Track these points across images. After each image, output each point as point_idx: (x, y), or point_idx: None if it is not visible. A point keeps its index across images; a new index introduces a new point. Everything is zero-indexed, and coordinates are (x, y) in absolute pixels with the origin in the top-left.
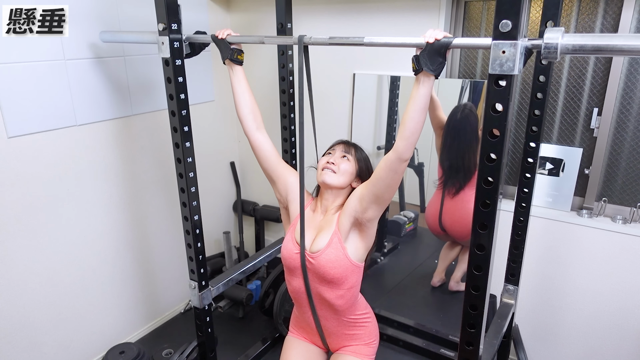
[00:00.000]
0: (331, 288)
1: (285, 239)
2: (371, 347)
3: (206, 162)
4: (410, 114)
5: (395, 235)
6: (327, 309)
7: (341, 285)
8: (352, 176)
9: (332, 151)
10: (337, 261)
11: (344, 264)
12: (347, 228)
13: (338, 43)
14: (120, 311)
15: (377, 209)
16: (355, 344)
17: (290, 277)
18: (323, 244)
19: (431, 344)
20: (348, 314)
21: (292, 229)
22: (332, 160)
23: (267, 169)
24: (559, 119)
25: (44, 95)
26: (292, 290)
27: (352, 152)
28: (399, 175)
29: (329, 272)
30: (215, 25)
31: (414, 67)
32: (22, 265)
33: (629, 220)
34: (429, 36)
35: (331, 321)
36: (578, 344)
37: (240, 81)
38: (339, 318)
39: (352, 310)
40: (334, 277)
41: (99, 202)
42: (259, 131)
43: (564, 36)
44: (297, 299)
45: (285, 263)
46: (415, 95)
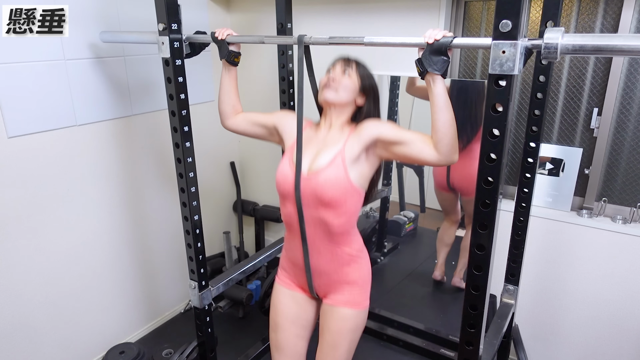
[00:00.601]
0: (328, 210)
1: (280, 163)
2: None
3: (206, 162)
4: (436, 117)
5: (395, 235)
6: (322, 235)
7: (338, 208)
8: (354, 92)
9: (333, 69)
10: (337, 181)
11: (344, 184)
12: (356, 152)
13: (338, 43)
14: (120, 311)
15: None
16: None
17: (284, 202)
18: (324, 162)
19: (431, 344)
20: (343, 244)
21: (289, 152)
22: (333, 77)
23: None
24: (559, 119)
25: (44, 95)
26: (286, 215)
27: (353, 67)
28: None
29: (327, 192)
30: (215, 26)
31: (419, 71)
32: (22, 265)
33: (629, 220)
34: (429, 37)
35: (324, 252)
36: (578, 344)
37: (232, 81)
38: (333, 248)
39: (348, 241)
40: (332, 198)
41: (99, 202)
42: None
43: (564, 36)
44: (290, 226)
45: (280, 188)
46: (432, 98)
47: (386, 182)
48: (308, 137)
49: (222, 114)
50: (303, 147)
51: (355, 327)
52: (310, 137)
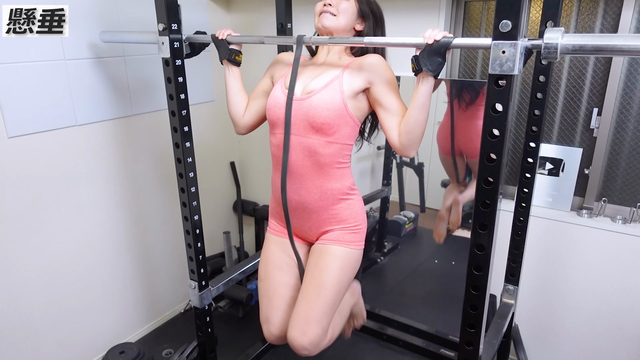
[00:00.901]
0: (320, 136)
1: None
2: (357, 232)
3: (206, 162)
4: (410, 111)
5: (395, 235)
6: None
7: (330, 134)
8: (353, 16)
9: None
10: (332, 103)
11: (339, 108)
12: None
13: (338, 43)
14: (120, 311)
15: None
16: (338, 227)
17: (274, 130)
18: (320, 84)
19: (431, 344)
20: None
21: (282, 79)
22: (329, 1)
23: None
24: (559, 119)
25: (44, 95)
26: (275, 144)
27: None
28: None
29: (320, 114)
30: (215, 25)
31: (414, 68)
32: (22, 265)
33: (629, 220)
34: (428, 37)
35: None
36: (578, 344)
37: (237, 81)
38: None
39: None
40: (325, 121)
41: (99, 202)
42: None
43: (564, 36)
44: (278, 158)
45: (270, 114)
46: (415, 94)
47: (386, 182)
48: (303, 66)
49: (234, 118)
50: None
51: (345, 266)
52: (305, 66)
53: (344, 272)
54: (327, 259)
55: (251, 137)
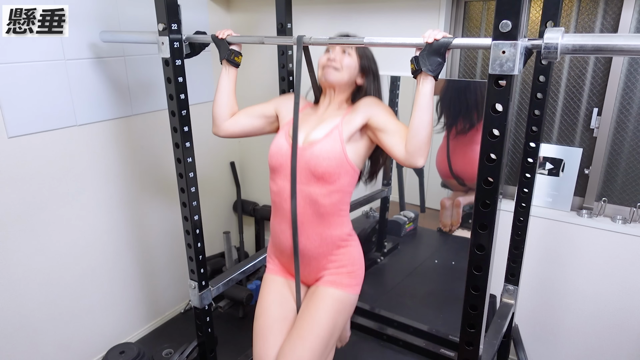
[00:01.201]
0: (320, 185)
1: (275, 137)
2: (354, 276)
3: (206, 162)
4: (414, 114)
5: (395, 235)
6: (311, 216)
7: (331, 183)
8: (355, 71)
9: (332, 47)
10: (333, 152)
11: (339, 157)
12: (353, 129)
13: (338, 43)
14: (120, 311)
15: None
16: (335, 272)
17: (275, 176)
18: (321, 134)
19: (431, 344)
20: (332, 227)
21: (285, 127)
22: (332, 57)
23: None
24: (559, 119)
25: (44, 95)
26: (275, 192)
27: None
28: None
29: (321, 164)
30: (215, 25)
31: (413, 68)
32: (22, 265)
33: (629, 220)
34: (428, 36)
35: (312, 235)
36: (578, 344)
37: (231, 83)
38: (322, 231)
39: (339, 223)
40: (326, 170)
41: (99, 202)
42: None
43: (564, 36)
44: (278, 205)
45: (272, 161)
46: (417, 96)
47: (386, 182)
48: (306, 114)
49: (217, 118)
50: (300, 123)
51: (339, 310)
52: (309, 114)
53: (339, 314)
54: (324, 300)
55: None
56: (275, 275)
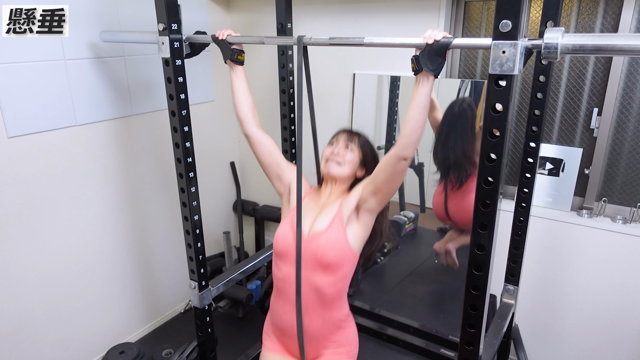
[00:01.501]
0: (325, 274)
1: (280, 225)
2: (351, 355)
3: (206, 162)
4: (411, 113)
5: (395, 235)
6: (315, 299)
7: (336, 271)
8: (356, 166)
9: (336, 141)
10: (338, 243)
11: (343, 247)
12: (348, 214)
13: (338, 43)
14: (120, 311)
15: (376, 201)
16: (335, 351)
17: (280, 262)
18: (325, 224)
19: (431, 344)
20: (335, 310)
21: (290, 214)
22: (336, 151)
23: (271, 164)
24: (559, 119)
25: (44, 95)
26: (280, 279)
27: (356, 141)
28: (398, 172)
29: (327, 254)
30: (215, 25)
31: (414, 67)
32: (22, 265)
33: (629, 220)
34: (428, 37)
35: (315, 319)
36: (578, 344)
37: (241, 81)
38: (325, 314)
39: (339, 306)
40: (332, 260)
41: (99, 202)
42: (259, 129)
43: (564, 36)
44: (283, 290)
45: (278, 247)
46: (415, 96)
47: None
48: (310, 200)
49: (242, 119)
50: (304, 211)
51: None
52: (312, 201)
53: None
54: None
55: None
56: (274, 354)
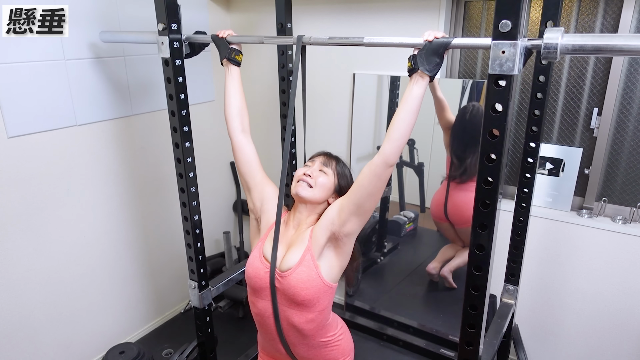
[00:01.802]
0: (300, 311)
1: (251, 255)
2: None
3: (206, 162)
4: (401, 115)
5: (395, 235)
6: (295, 335)
7: (312, 308)
8: (329, 192)
9: (312, 162)
10: (309, 281)
11: (316, 284)
12: (321, 243)
13: (338, 43)
14: (120, 311)
15: (357, 221)
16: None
17: (254, 298)
18: (294, 261)
19: (431, 344)
20: (318, 337)
21: (260, 244)
22: (309, 173)
23: (245, 174)
24: (559, 119)
25: (44, 95)
26: (256, 314)
27: (333, 165)
28: (382, 182)
29: (300, 294)
30: (215, 25)
31: (410, 66)
32: (22, 265)
33: (629, 220)
34: (428, 34)
35: (300, 347)
36: (578, 344)
37: (235, 82)
38: (309, 343)
39: (323, 333)
40: (305, 298)
41: (99, 202)
42: (244, 134)
43: (564, 36)
44: (262, 324)
45: (251, 283)
46: (407, 97)
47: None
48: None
49: (227, 121)
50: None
51: None
52: (281, 234)
53: None
54: None
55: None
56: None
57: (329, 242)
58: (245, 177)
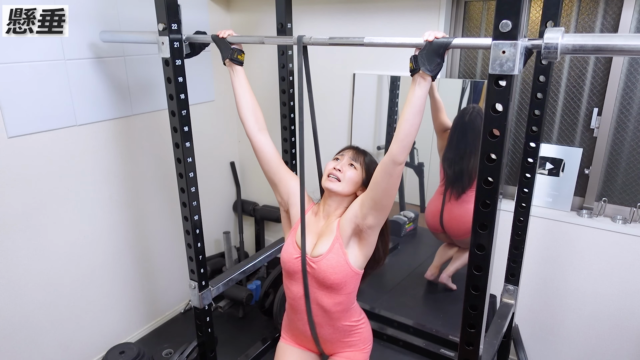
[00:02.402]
0: (329, 294)
1: (285, 243)
2: (365, 353)
3: (206, 162)
4: (406, 116)
5: (395, 235)
6: (323, 316)
7: (340, 291)
8: (357, 185)
9: (341, 157)
10: (338, 266)
11: (345, 269)
12: (348, 234)
13: (338, 43)
14: (120, 311)
15: (376, 215)
16: (350, 350)
17: (289, 281)
18: (324, 249)
19: (431, 344)
20: (343, 321)
21: (293, 233)
22: (338, 167)
23: (268, 171)
24: (559, 119)
25: (44, 95)
26: (290, 296)
27: (361, 160)
28: (394, 179)
29: (329, 278)
30: (215, 25)
31: (412, 67)
32: (22, 265)
33: (629, 220)
34: (428, 35)
35: (326, 328)
36: (578, 344)
37: (241, 82)
38: (335, 324)
39: (348, 316)
40: (334, 282)
41: (99, 202)
42: (261, 132)
43: (564, 36)
44: (294, 306)
45: (285, 267)
46: (411, 97)
47: None
48: (310, 219)
49: (243, 122)
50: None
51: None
52: (312, 221)
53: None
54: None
55: None
56: (292, 346)
57: (354, 233)
58: (269, 174)
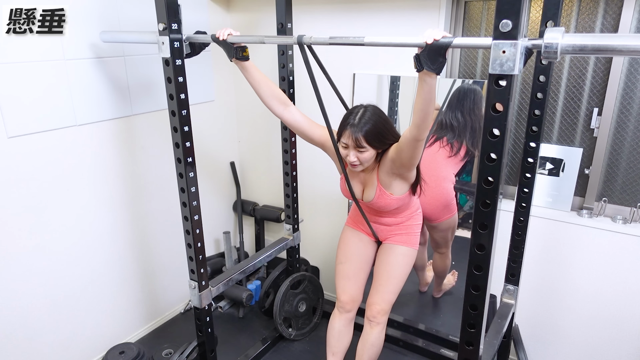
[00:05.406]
0: (387, 215)
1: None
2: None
3: (206, 162)
4: (419, 106)
5: None
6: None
7: (397, 211)
8: (374, 156)
9: (346, 145)
10: (390, 204)
11: (395, 202)
12: (388, 180)
13: (338, 43)
14: (120, 311)
15: (409, 167)
16: (404, 233)
17: None
18: (372, 195)
19: (431, 344)
20: (398, 216)
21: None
22: (352, 160)
23: (304, 137)
24: (559, 119)
25: (44, 95)
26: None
27: (363, 141)
28: (418, 150)
29: (385, 209)
30: (216, 25)
31: (416, 66)
32: (22, 265)
33: (629, 220)
34: (428, 37)
35: (383, 221)
36: (578, 344)
37: (253, 74)
38: (390, 218)
39: (402, 213)
40: (390, 211)
41: (99, 202)
42: (287, 110)
43: (564, 36)
44: (357, 208)
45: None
46: (420, 91)
47: None
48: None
49: (268, 107)
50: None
51: (408, 263)
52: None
53: (407, 267)
54: (396, 258)
55: (251, 137)
56: (354, 229)
57: (393, 176)
58: (306, 139)
